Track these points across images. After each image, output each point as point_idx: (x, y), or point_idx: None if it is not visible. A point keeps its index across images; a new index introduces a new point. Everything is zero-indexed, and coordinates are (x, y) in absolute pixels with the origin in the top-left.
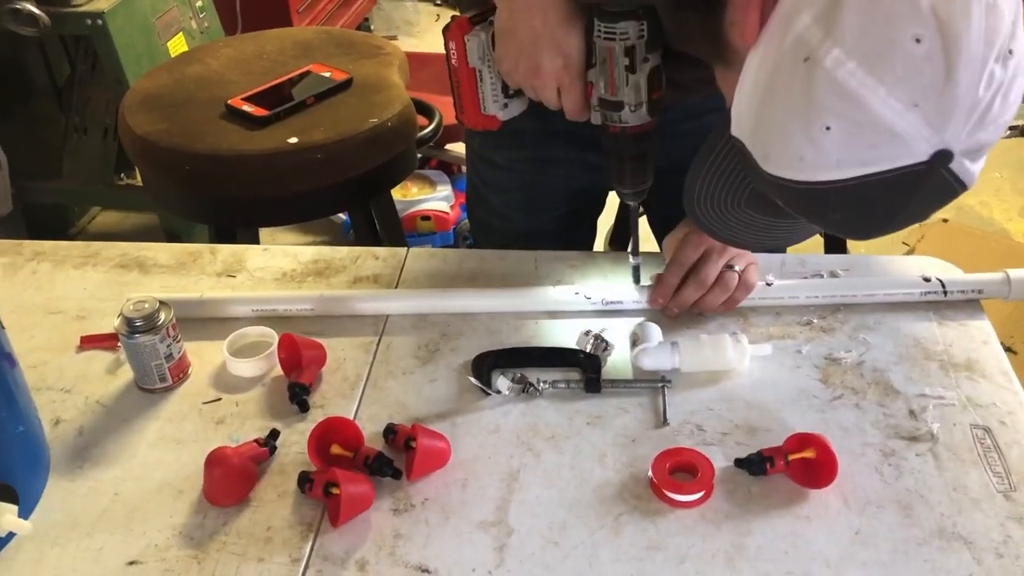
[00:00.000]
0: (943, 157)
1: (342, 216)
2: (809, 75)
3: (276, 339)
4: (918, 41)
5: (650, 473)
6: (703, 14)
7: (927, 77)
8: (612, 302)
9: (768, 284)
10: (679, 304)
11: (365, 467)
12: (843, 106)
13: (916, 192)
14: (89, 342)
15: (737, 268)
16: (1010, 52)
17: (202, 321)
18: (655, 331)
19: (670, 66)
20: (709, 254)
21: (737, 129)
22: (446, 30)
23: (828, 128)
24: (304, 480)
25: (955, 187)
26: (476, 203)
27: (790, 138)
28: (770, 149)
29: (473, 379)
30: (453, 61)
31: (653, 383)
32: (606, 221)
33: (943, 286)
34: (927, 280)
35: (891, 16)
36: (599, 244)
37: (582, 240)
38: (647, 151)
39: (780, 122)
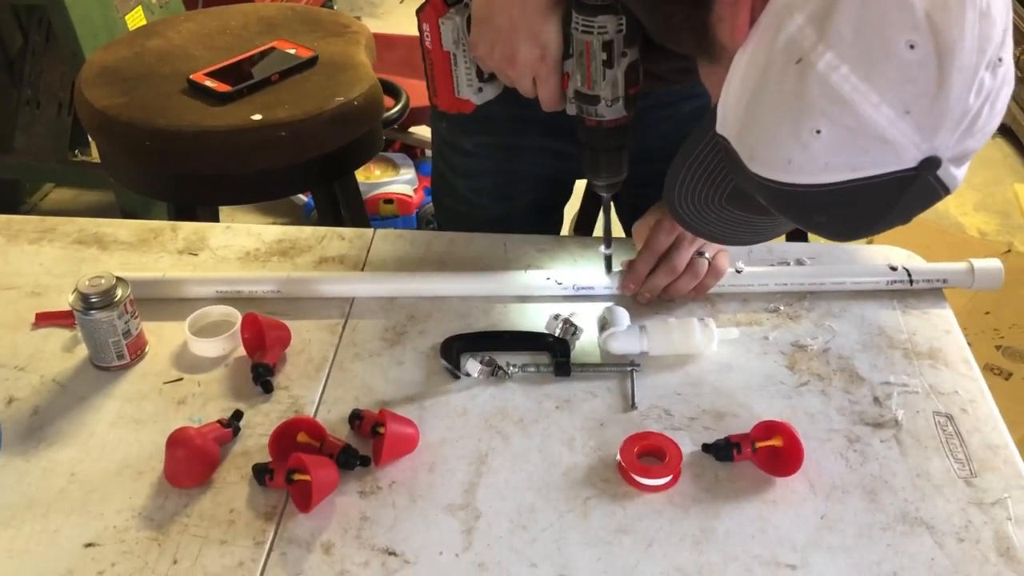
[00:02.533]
0: (931, 164)
1: (303, 197)
2: (801, 77)
3: (239, 319)
4: (912, 47)
5: (618, 457)
6: (689, 9)
7: (920, 84)
8: (583, 288)
9: (738, 271)
10: (650, 290)
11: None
12: (835, 110)
13: (902, 197)
14: (44, 319)
15: (707, 255)
16: (999, 60)
17: (163, 300)
18: (623, 315)
19: (646, 57)
20: (680, 241)
21: (723, 127)
22: (420, 11)
23: (818, 132)
24: (263, 471)
25: (940, 192)
26: (442, 190)
27: (779, 140)
28: (757, 149)
29: (444, 361)
30: (427, 43)
31: (622, 367)
32: (571, 206)
33: (909, 275)
34: (894, 269)
35: (886, 21)
36: (564, 230)
37: (549, 228)
38: (623, 144)
39: (769, 123)
